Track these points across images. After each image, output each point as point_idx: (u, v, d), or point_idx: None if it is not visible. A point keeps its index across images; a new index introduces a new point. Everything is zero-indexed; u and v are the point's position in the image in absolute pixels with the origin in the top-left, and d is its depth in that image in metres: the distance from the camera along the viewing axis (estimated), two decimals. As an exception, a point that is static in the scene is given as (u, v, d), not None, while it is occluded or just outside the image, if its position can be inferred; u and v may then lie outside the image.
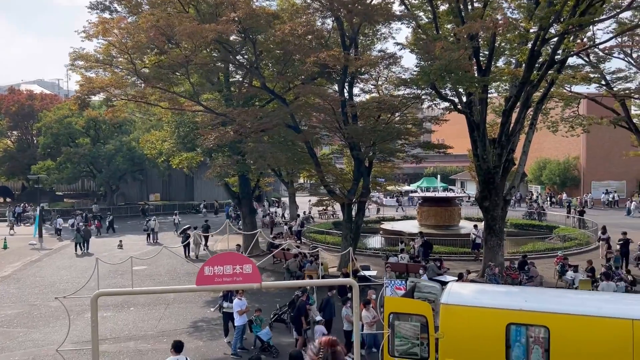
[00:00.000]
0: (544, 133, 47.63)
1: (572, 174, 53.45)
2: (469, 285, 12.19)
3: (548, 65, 18.48)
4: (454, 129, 52.23)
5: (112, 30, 16.18)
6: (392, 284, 13.69)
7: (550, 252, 26.06)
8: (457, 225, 31.75)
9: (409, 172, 69.36)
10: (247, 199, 27.29)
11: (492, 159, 20.76)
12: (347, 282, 9.73)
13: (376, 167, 26.07)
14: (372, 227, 36.61)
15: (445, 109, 21.73)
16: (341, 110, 19.87)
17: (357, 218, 23.37)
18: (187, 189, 56.77)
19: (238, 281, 7.71)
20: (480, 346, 9.32)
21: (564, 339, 8.88)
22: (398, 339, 9.70)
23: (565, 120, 30.06)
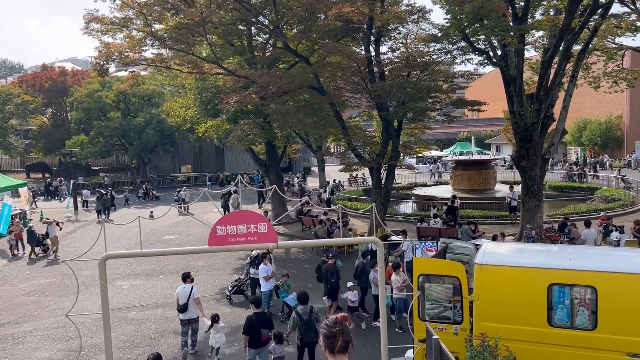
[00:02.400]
0: (584, 92, 45.49)
1: (615, 134, 51.05)
2: (506, 244, 11.40)
3: (591, 11, 17.03)
4: (489, 91, 50.47)
5: (125, -13, 15.58)
6: (422, 246, 13.01)
7: (593, 214, 24.84)
8: (493, 189, 30.68)
9: (441, 137, 67.95)
10: (275, 167, 26.80)
11: (529, 116, 19.53)
12: (370, 240, 9.10)
13: (406, 129, 25.09)
14: (404, 193, 35.97)
15: (478, 63, 20.51)
16: (367, 69, 18.93)
17: (387, 183, 22.58)
18: (217, 161, 56.88)
19: (253, 241, 7.17)
20: (519, 309, 8.60)
21: (613, 300, 8.07)
22: (429, 302, 9.06)
23: (609, 75, 28.15)
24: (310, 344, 10.18)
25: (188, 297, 11.70)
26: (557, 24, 17.85)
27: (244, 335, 9.94)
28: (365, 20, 17.93)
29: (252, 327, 9.81)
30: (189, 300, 11.70)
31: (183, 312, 11.80)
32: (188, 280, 12.06)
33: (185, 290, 11.81)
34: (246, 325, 9.92)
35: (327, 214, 24.07)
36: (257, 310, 10.15)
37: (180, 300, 11.75)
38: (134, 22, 17.68)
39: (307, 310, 10.22)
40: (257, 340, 9.82)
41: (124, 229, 28.37)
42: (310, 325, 10.08)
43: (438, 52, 21.18)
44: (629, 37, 26.33)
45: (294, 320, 10.22)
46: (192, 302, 11.76)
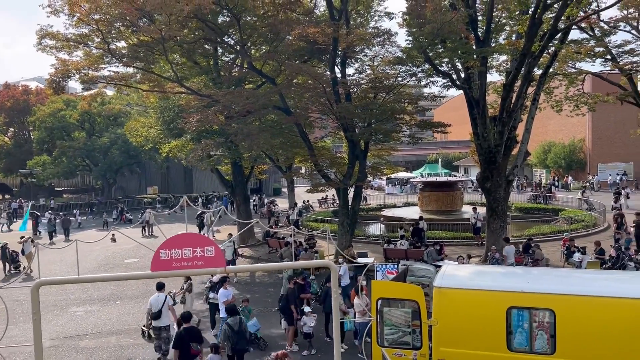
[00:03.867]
0: (548, 116, 46.60)
1: (578, 157, 52.27)
2: (466, 267, 11.25)
3: (550, 35, 17.39)
4: (457, 114, 51.33)
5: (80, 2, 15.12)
6: (383, 268, 12.76)
7: (556, 235, 25.12)
8: (460, 210, 30.85)
9: (411, 159, 68.57)
10: (241, 188, 26.37)
11: (493, 137, 19.72)
12: (323, 263, 8.82)
13: (373, 151, 25.07)
14: (373, 214, 35.90)
15: (443, 85, 20.68)
16: (332, 90, 18.87)
17: (354, 203, 22.44)
18: (186, 181, 55.98)
19: (199, 265, 6.80)
20: (479, 333, 8.39)
21: (571, 323, 7.94)
22: (387, 327, 8.79)
23: (570, 99, 28.89)
24: (240, 352, 10.85)
25: (162, 305, 12.23)
26: (518, 48, 18.17)
27: (174, 350, 10.14)
28: (330, 41, 17.91)
29: (182, 342, 10.03)
30: (163, 308, 12.22)
31: (156, 319, 12.28)
32: (163, 289, 12.60)
33: (159, 298, 12.34)
34: (176, 339, 10.17)
35: (294, 236, 23.69)
36: (186, 324, 10.45)
37: (154, 308, 12.28)
38: (92, 38, 17.23)
39: (237, 322, 10.87)
40: (187, 354, 10.04)
41: (85, 252, 27.42)
42: (241, 335, 10.74)
43: (403, 74, 21.33)
44: (589, 62, 27.16)
45: (225, 331, 10.73)
46: (166, 310, 12.27)
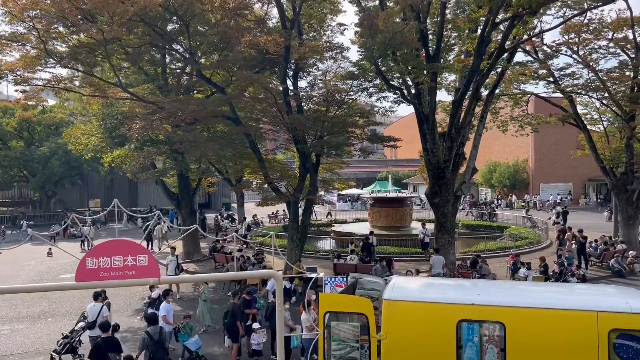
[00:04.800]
0: (494, 137, 48.05)
1: (522, 177, 54.08)
2: (416, 279, 11.06)
3: (498, 54, 17.79)
4: (409, 132, 52.08)
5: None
6: (331, 281, 12.40)
7: (502, 251, 25.60)
8: (409, 226, 31.06)
9: (362, 176, 69.09)
10: (187, 200, 25.47)
11: (442, 153, 19.93)
12: (268, 274, 8.36)
13: (324, 164, 24.86)
14: (324, 230, 35.71)
15: (394, 101, 20.80)
16: (283, 101, 18.56)
17: (304, 218, 22.05)
18: (130, 195, 53.96)
19: (130, 276, 6.22)
20: (429, 348, 8.12)
21: (522, 336, 7.79)
22: (335, 342, 8.37)
23: (515, 120, 29.86)
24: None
25: (97, 314, 12.06)
26: (467, 65, 18.50)
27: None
28: (281, 51, 17.63)
29: (99, 352, 9.79)
30: (98, 318, 11.96)
31: (91, 329, 12.02)
32: (100, 298, 12.51)
33: (95, 308, 12.24)
34: (92, 349, 9.90)
35: (241, 250, 23.05)
36: (104, 334, 10.35)
37: (89, 317, 12.12)
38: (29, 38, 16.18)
39: (157, 331, 10.66)
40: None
41: (18, 266, 25.72)
42: (160, 344, 10.53)
43: (355, 89, 21.34)
44: (533, 84, 28.11)
45: (144, 340, 10.44)
46: (101, 320, 11.85)
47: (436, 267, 18.87)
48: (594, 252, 23.64)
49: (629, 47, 25.39)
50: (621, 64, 26.10)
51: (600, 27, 24.77)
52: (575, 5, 21.19)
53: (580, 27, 24.60)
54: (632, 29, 24.23)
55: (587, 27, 24.76)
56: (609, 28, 24.71)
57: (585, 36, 25.26)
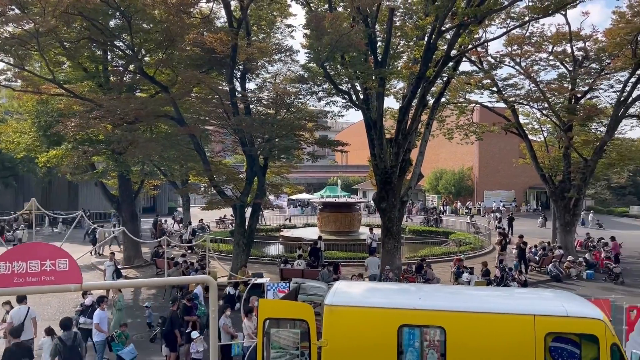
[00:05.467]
0: (440, 145, 49.21)
1: (466, 184, 55.52)
2: (359, 284, 10.93)
3: (444, 62, 18.08)
4: (358, 139, 52.37)
5: None
6: (274, 287, 12.10)
7: (447, 256, 26.02)
8: (357, 231, 31.16)
9: (312, 181, 69.08)
10: (129, 204, 24.48)
11: (389, 159, 20.06)
12: (202, 279, 7.99)
13: (273, 168, 24.53)
14: (273, 235, 35.32)
15: (342, 105, 20.80)
16: (230, 102, 18.15)
17: (251, 222, 21.62)
18: (70, 197, 51.61)
19: (49, 281, 5.73)
20: (370, 354, 7.98)
21: (462, 341, 7.78)
22: (274, 349, 8.09)
23: (460, 128, 30.57)
24: None
25: (24, 318, 11.59)
26: (414, 72, 18.71)
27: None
28: (228, 51, 17.23)
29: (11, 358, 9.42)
30: (25, 321, 11.55)
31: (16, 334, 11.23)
32: (25, 301, 11.96)
33: (20, 311, 11.72)
34: (5, 356, 9.51)
35: (185, 255, 22.35)
36: (15, 340, 10.04)
37: (15, 322, 11.53)
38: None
39: (70, 336, 10.32)
40: None
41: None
42: (74, 350, 10.21)
43: (304, 92, 21.19)
44: (478, 93, 28.87)
45: (57, 346, 10.12)
46: (29, 323, 11.64)
47: (371, 268, 19.62)
48: (533, 257, 24.41)
49: (567, 60, 26.54)
50: (560, 76, 27.24)
51: (541, 40, 25.78)
52: (518, 17, 21.89)
53: (522, 40, 25.48)
54: (570, 43, 25.33)
55: (529, 40, 25.71)
56: (549, 41, 25.76)
57: (527, 48, 26.20)
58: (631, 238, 33.41)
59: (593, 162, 26.12)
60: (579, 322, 7.80)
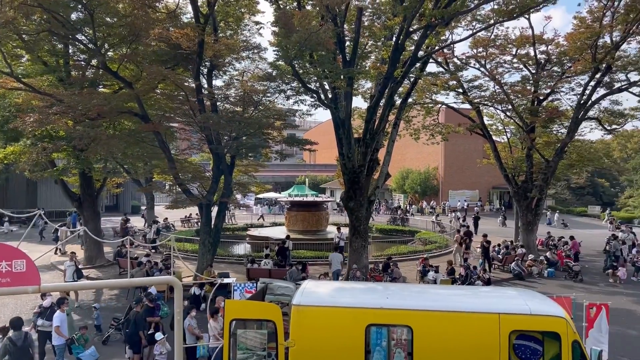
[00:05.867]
0: (407, 145, 49.69)
1: (432, 184, 56.29)
2: (327, 283, 10.90)
3: (411, 62, 18.24)
4: (326, 138, 52.48)
5: None
6: (241, 287, 11.94)
7: (413, 255, 26.29)
8: (325, 230, 31.18)
9: (280, 180, 68.87)
10: (90, 202, 23.80)
11: (357, 158, 20.12)
12: (166, 280, 7.81)
13: (240, 167, 24.25)
14: (240, 234, 35.01)
15: (311, 104, 20.74)
16: (196, 99, 17.85)
17: (217, 221, 21.32)
18: (29, 196, 49.89)
19: (5, 283, 5.46)
20: (338, 353, 7.95)
21: (428, 339, 7.83)
22: (240, 350, 7.97)
23: (426, 128, 30.92)
24: None
25: None
26: (382, 72, 18.81)
27: None
28: (195, 47, 16.93)
29: None
30: None
31: None
32: None
33: None
34: None
35: (149, 255, 21.89)
36: None
37: None
38: None
39: (20, 337, 10.17)
40: None
41: None
42: (23, 350, 10.07)
43: (273, 91, 21.04)
44: (444, 94, 29.26)
45: (6, 346, 9.96)
46: None
47: (334, 264, 20.28)
48: (497, 255, 24.91)
49: (530, 63, 27.17)
50: (523, 78, 27.88)
51: (505, 43, 26.31)
52: (484, 20, 22.27)
53: (487, 42, 25.99)
54: (534, 47, 25.94)
55: (494, 43, 26.22)
56: (513, 44, 26.31)
57: (492, 51, 26.73)
58: (590, 237, 34.50)
59: (554, 162, 26.84)
60: (541, 320, 7.96)
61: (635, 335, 15.35)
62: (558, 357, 7.79)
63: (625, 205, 53.46)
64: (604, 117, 27.83)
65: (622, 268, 23.01)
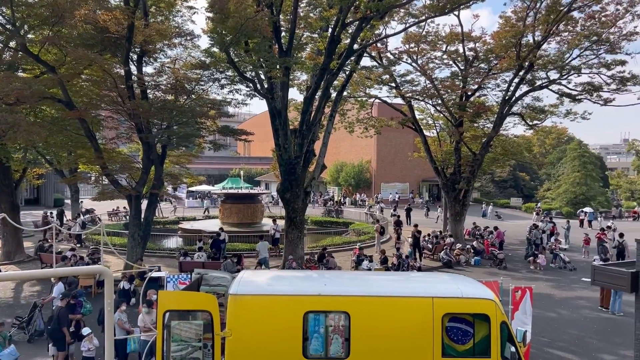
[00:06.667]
0: (341, 138, 50.22)
1: (365, 176, 57.33)
2: (264, 272, 10.81)
3: (347, 54, 18.38)
4: (262, 131, 52.00)
5: None
6: (174, 279, 11.59)
7: (347, 246, 26.65)
8: (260, 223, 31.00)
9: (214, 173, 67.61)
10: (8, 194, 22.25)
11: (293, 149, 20.06)
12: (97, 269, 7.44)
13: (172, 157, 23.51)
14: (171, 227, 34.06)
15: (246, 94, 20.43)
16: (126, 85, 17.08)
17: (148, 213, 20.60)
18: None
19: None
20: (275, 342, 7.89)
21: (365, 324, 7.93)
22: (175, 342, 7.72)
23: (360, 122, 31.39)
24: None
25: None
26: (318, 64, 18.83)
27: None
28: (124, 32, 16.17)
29: None
30: None
31: None
32: None
33: None
34: None
35: (74, 250, 20.82)
36: None
37: None
38: None
39: None
40: None
41: None
42: None
43: (206, 79, 20.52)
44: (377, 88, 29.78)
45: None
46: None
47: (262, 252, 20.80)
48: (427, 245, 25.75)
49: (459, 59, 28.19)
50: (453, 74, 28.87)
51: (436, 40, 27.14)
52: (417, 15, 22.82)
53: (419, 38, 26.68)
54: (463, 44, 26.91)
55: (425, 39, 26.97)
56: (444, 41, 27.20)
57: (424, 47, 27.48)
58: (512, 227, 36.41)
59: (481, 156, 28.05)
60: (472, 302, 8.28)
61: (554, 317, 16.39)
62: (487, 338, 8.13)
63: (544, 198, 56.81)
64: (527, 112, 29.38)
65: (542, 255, 24.48)
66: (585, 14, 23.71)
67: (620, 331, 15.02)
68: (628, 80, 24.61)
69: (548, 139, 72.02)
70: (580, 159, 55.09)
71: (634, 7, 22.36)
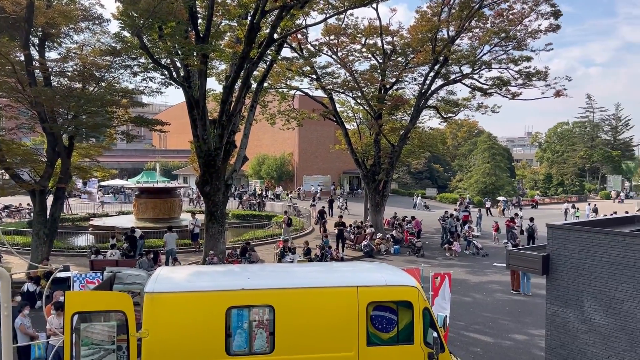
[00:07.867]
0: (263, 130, 49.68)
1: (287, 169, 57.21)
2: (184, 268, 10.31)
3: (267, 43, 18.01)
4: (178, 123, 50.31)
5: None
6: (81, 278, 10.78)
7: (270, 239, 26.39)
8: (178, 218, 29.86)
9: (127, 167, 64.63)
10: None
11: (213, 141, 19.42)
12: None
13: (80, 149, 21.97)
14: (81, 224, 32.12)
15: (161, 82, 19.47)
16: (26, 70, 15.66)
17: (54, 209, 19.14)
18: None
19: None
20: (197, 341, 7.49)
21: (290, 317, 7.74)
22: (85, 346, 7.10)
23: (282, 114, 31.16)
24: None
25: None
26: (238, 52, 18.32)
27: None
28: (23, 13, 14.79)
29: None
30: None
31: None
32: None
33: None
34: None
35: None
36: None
37: None
38: None
39: None
40: None
41: None
42: None
43: (118, 66, 19.33)
44: (298, 80, 29.61)
45: None
46: None
47: (169, 243, 20.77)
48: (349, 236, 26.06)
49: (378, 53, 28.69)
50: (372, 67, 29.34)
51: (355, 32, 27.43)
52: (337, 6, 22.86)
53: (339, 30, 26.84)
54: (381, 37, 27.39)
55: (345, 31, 27.18)
56: (363, 34, 27.54)
57: (343, 39, 27.69)
58: (427, 216, 37.81)
59: (399, 147, 28.77)
60: (396, 290, 8.33)
61: (469, 302, 17.13)
62: (411, 325, 8.22)
63: (457, 188, 59.66)
64: (441, 106, 30.49)
65: (457, 243, 25.56)
66: (494, 12, 24.92)
67: (530, 312, 15.98)
68: (533, 76, 26.20)
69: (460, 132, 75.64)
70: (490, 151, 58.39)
71: (538, 6, 23.80)
